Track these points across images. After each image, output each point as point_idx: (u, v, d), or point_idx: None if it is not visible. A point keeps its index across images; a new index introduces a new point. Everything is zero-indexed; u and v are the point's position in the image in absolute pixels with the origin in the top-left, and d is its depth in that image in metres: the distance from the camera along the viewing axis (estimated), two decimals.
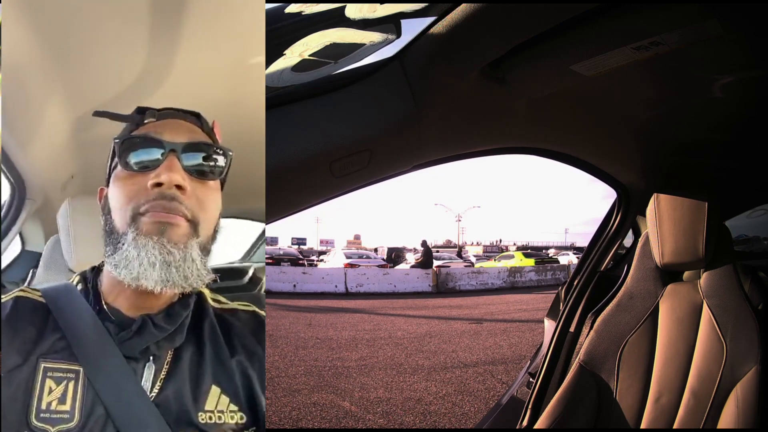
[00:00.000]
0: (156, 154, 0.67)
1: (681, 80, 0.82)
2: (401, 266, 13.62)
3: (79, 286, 0.73)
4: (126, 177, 0.67)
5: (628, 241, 1.38)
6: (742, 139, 1.08)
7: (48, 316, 0.68)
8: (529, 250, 23.13)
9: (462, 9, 0.54)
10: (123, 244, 0.65)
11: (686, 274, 1.09)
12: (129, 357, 0.67)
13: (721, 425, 0.93)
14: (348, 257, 13.49)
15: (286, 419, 2.91)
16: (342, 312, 7.24)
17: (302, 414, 2.99)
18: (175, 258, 0.64)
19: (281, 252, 14.73)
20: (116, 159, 0.69)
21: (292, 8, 0.60)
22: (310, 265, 14.53)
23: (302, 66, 0.62)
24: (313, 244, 44.34)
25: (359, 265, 12.04)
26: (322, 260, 17.12)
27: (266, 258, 11.31)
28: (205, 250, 0.69)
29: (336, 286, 9.85)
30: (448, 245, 42.00)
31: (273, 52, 0.61)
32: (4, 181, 1.40)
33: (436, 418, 2.97)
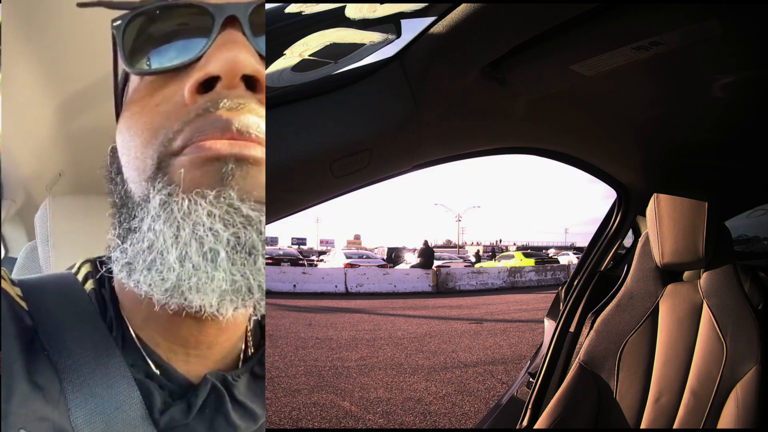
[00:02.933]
0: (199, 36, 0.36)
1: (681, 80, 0.82)
2: (401, 266, 13.63)
3: (89, 284, 0.41)
4: (144, 93, 0.37)
5: (628, 241, 1.38)
6: (742, 139, 1.08)
7: (32, 338, 0.36)
8: (529, 250, 23.14)
9: (462, 9, 0.54)
10: (142, 221, 0.35)
11: (686, 274, 1.09)
12: None
13: (721, 425, 0.93)
14: (348, 257, 13.49)
15: (286, 419, 2.91)
16: (342, 312, 7.23)
17: (302, 414, 2.99)
18: (257, 232, 0.33)
19: (281, 252, 14.74)
20: (123, 66, 0.38)
21: (292, 8, 0.60)
22: (310, 265, 14.54)
23: (302, 66, 0.62)
24: (313, 244, 44.38)
25: (359, 265, 12.04)
26: (322, 260, 17.12)
27: (266, 258, 11.29)
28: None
29: (336, 286, 9.85)
30: (448, 245, 42.01)
31: (273, 52, 0.61)
32: None
33: (436, 418, 2.97)
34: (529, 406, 1.18)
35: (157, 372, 0.39)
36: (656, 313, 1.04)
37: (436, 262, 12.90)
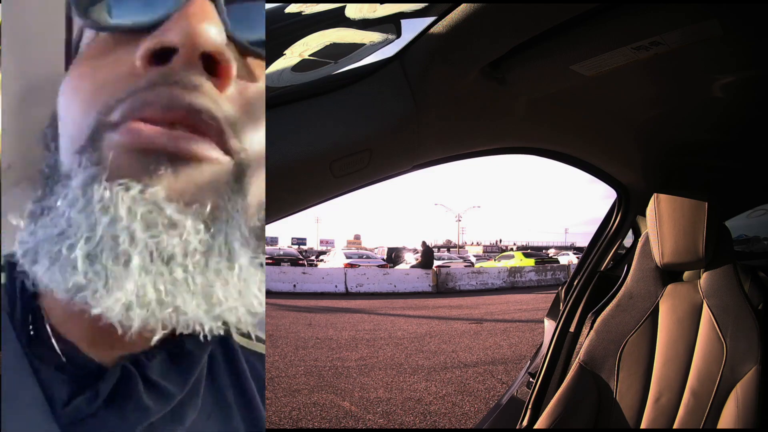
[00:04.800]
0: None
1: (681, 80, 0.82)
2: (401, 266, 13.65)
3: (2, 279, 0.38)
4: (96, 52, 0.33)
5: (628, 241, 1.38)
6: (743, 139, 1.08)
7: None
8: (529, 250, 23.20)
9: (462, 9, 0.54)
10: (57, 202, 0.31)
11: (686, 274, 1.09)
12: None
13: (721, 425, 0.93)
14: (348, 257, 13.52)
15: (286, 419, 2.91)
16: (342, 312, 7.24)
17: (302, 414, 2.99)
18: (190, 244, 0.29)
19: (281, 252, 14.77)
20: (76, 17, 0.33)
21: (292, 8, 0.60)
22: (310, 265, 14.56)
23: (302, 66, 0.62)
24: (313, 244, 44.36)
25: (359, 265, 12.08)
26: (322, 260, 17.14)
27: (266, 258, 11.37)
28: (255, 231, 0.34)
29: (336, 286, 9.88)
30: (448, 245, 42.01)
31: (273, 52, 0.61)
32: None
33: (436, 418, 2.98)
34: (529, 406, 1.18)
35: (67, 363, 0.35)
36: (656, 313, 1.04)
37: (436, 262, 12.92)
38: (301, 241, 42.64)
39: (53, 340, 0.35)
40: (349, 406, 3.15)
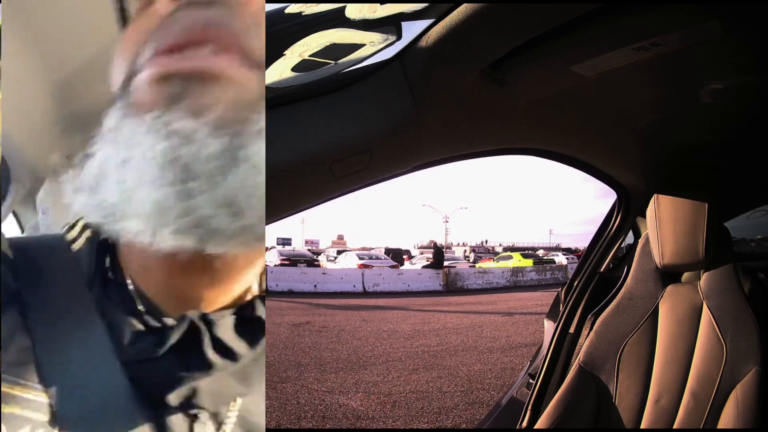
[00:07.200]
0: None
1: (681, 81, 0.82)
2: (407, 266, 14.62)
3: (80, 242, 0.42)
4: (140, 6, 0.38)
5: (628, 242, 1.38)
6: (743, 140, 1.08)
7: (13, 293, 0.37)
8: (527, 251, 23.47)
9: (462, 10, 0.54)
10: (95, 145, 0.34)
11: (686, 276, 1.09)
12: (153, 408, 0.37)
13: (720, 426, 0.93)
14: (360, 258, 14.53)
15: (432, 387, 3.34)
16: (381, 309, 7.65)
17: (439, 384, 3.49)
18: (205, 151, 0.30)
19: (294, 253, 15.81)
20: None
21: (293, 9, 0.60)
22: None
23: (302, 67, 0.62)
24: (297, 244, 43.97)
25: (373, 266, 12.93)
26: (318, 261, 17.84)
27: (282, 259, 12.88)
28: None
29: (354, 286, 10.49)
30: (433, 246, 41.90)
31: (273, 53, 0.61)
32: None
33: None
34: (529, 407, 1.18)
35: (143, 310, 0.39)
36: (656, 315, 1.04)
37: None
38: (286, 241, 41.99)
39: (131, 289, 0.39)
40: (467, 376, 3.68)
